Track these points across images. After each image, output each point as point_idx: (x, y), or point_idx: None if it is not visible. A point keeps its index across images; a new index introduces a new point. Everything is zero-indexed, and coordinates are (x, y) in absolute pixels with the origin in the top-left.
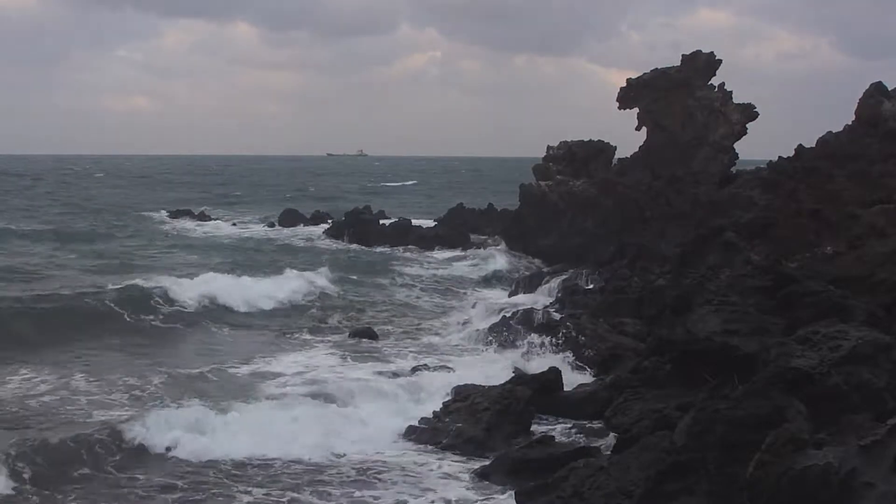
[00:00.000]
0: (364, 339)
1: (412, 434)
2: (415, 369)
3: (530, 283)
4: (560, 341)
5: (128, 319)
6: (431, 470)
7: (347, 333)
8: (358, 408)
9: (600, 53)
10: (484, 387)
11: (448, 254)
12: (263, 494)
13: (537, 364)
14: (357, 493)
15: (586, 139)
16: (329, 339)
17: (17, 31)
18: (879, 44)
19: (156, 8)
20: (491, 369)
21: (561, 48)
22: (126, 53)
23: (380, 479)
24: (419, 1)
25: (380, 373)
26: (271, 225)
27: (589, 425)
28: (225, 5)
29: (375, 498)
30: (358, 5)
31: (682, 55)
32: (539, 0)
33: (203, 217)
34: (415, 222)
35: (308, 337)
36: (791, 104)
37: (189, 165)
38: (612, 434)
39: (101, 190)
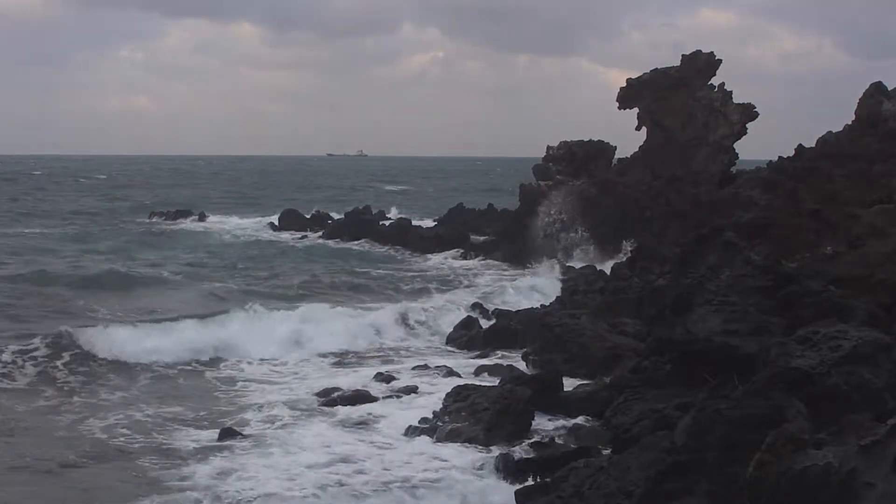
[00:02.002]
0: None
1: (412, 433)
2: (414, 369)
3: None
4: (560, 342)
5: None
6: (431, 470)
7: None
8: (357, 409)
9: (602, 53)
10: (484, 387)
11: (448, 256)
12: None
13: (537, 364)
14: (356, 494)
15: (586, 139)
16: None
17: (20, 32)
18: (882, 44)
19: (159, 7)
20: (490, 369)
21: (563, 48)
22: (129, 53)
23: (379, 480)
24: (422, 1)
25: (379, 373)
26: (272, 225)
27: (589, 425)
28: (228, 5)
29: (374, 498)
30: (361, 5)
31: (682, 55)
32: (541, 0)
33: (202, 218)
34: (415, 222)
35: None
36: (793, 104)
37: (188, 165)
38: (612, 434)
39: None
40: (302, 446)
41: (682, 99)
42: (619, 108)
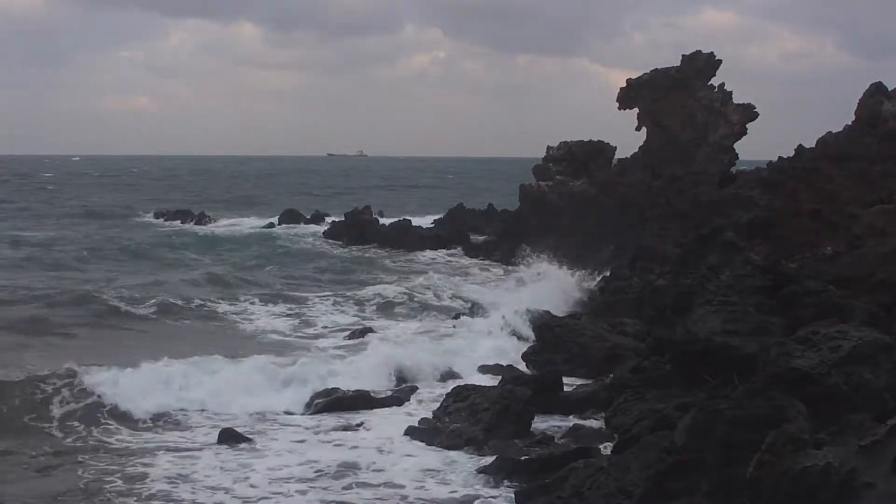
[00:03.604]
0: (364, 340)
1: (412, 434)
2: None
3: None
4: (560, 342)
5: None
6: (430, 470)
7: (348, 333)
8: (357, 409)
9: (603, 54)
10: (484, 387)
11: (447, 256)
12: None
13: (537, 364)
14: (356, 493)
15: (587, 139)
16: (329, 339)
17: (22, 33)
18: (884, 44)
19: (160, 7)
20: (490, 369)
21: (564, 48)
22: (132, 54)
23: (378, 480)
24: (424, 1)
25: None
26: (271, 225)
27: (589, 425)
28: (230, 5)
29: (375, 497)
30: (363, 5)
31: (682, 55)
32: (542, 0)
33: (203, 218)
34: (415, 222)
35: (310, 336)
36: (795, 104)
37: (188, 165)
38: (612, 434)
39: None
40: (300, 449)
41: (682, 99)
42: (620, 108)
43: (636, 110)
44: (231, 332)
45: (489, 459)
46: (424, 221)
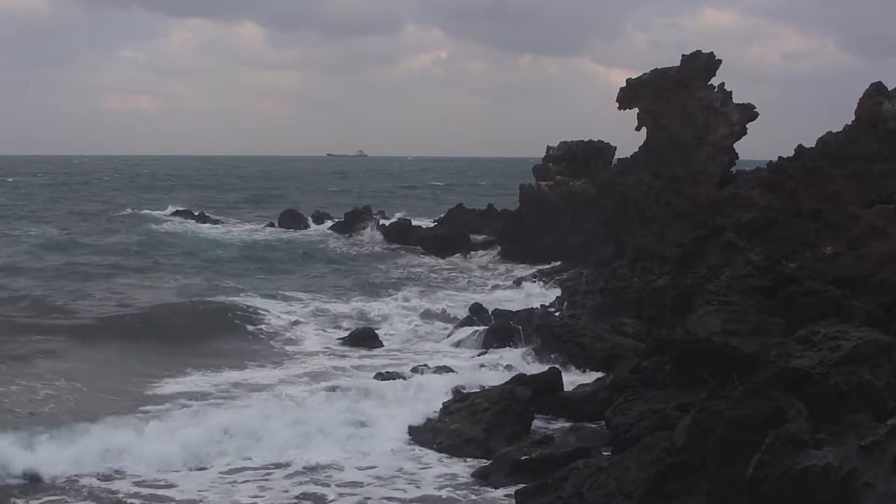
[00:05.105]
0: (364, 341)
1: (412, 435)
2: (415, 370)
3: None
4: (560, 342)
5: None
6: (431, 470)
7: (348, 334)
8: (358, 409)
9: (605, 54)
10: (484, 387)
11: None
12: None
13: (537, 364)
14: (357, 494)
15: (587, 139)
16: (329, 340)
17: (25, 34)
18: (884, 44)
19: (163, 7)
20: (490, 370)
21: (566, 49)
22: (134, 53)
23: (379, 480)
24: (426, 1)
25: (379, 373)
26: (271, 225)
27: (589, 425)
28: (232, 5)
29: (375, 498)
30: (364, 5)
31: (682, 55)
32: (545, 0)
33: (203, 218)
34: (414, 223)
35: (309, 338)
36: (795, 104)
37: (190, 165)
38: (612, 434)
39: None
40: (296, 450)
41: (682, 99)
42: (619, 108)
43: (636, 110)
44: (227, 338)
45: (489, 460)
46: (425, 221)
